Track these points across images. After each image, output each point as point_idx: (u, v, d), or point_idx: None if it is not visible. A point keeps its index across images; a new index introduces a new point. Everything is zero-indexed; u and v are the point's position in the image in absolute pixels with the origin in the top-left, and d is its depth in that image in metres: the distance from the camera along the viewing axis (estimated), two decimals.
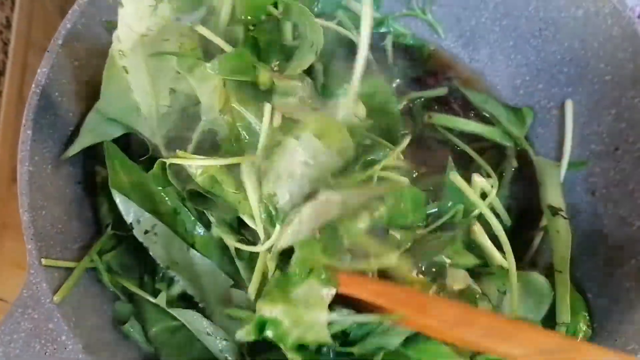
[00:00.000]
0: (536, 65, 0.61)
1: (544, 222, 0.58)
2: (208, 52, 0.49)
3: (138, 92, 0.49)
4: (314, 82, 0.51)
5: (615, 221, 0.54)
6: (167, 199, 0.52)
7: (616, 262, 0.53)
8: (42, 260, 0.47)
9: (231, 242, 0.50)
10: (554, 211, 0.56)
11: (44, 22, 0.84)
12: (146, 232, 0.51)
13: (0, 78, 0.76)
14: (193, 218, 0.52)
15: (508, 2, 0.60)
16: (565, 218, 0.56)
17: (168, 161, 0.48)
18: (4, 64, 0.76)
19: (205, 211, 0.51)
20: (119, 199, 0.50)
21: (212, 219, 0.51)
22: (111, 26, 0.55)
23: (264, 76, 0.48)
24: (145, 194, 0.51)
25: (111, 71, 0.50)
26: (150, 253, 0.50)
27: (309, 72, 0.51)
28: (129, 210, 0.50)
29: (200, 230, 0.52)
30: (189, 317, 0.50)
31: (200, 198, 0.50)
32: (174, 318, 0.51)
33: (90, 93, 0.56)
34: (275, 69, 0.50)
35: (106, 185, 0.53)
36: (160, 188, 0.52)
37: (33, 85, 0.51)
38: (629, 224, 0.53)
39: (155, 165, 0.50)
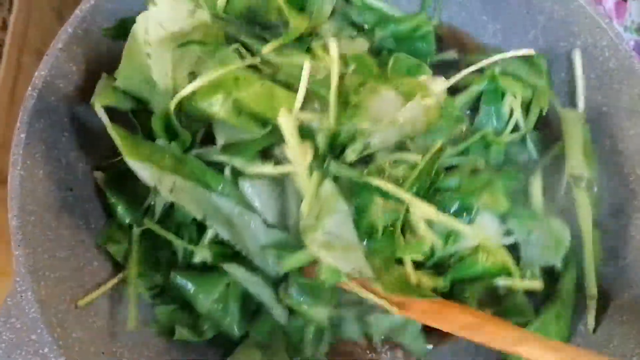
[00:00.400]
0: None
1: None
2: (227, 36, 0.52)
3: (158, 74, 0.50)
4: None
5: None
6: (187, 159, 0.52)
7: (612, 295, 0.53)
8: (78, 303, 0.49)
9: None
10: (577, 183, 0.55)
11: (40, 26, 0.83)
12: (171, 190, 0.50)
13: None
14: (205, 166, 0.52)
15: (507, 30, 0.61)
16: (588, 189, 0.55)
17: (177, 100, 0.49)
18: None
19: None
20: (136, 165, 0.49)
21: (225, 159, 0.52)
22: (108, 33, 0.55)
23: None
24: (157, 157, 0.51)
25: (132, 49, 0.50)
26: (185, 207, 0.50)
27: None
28: (147, 173, 0.49)
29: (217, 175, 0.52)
30: (234, 269, 0.53)
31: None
32: (216, 280, 0.54)
33: (87, 99, 0.55)
34: None
35: (113, 186, 0.55)
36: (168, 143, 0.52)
37: (30, 88, 0.50)
38: (621, 257, 0.53)
39: (157, 116, 0.51)
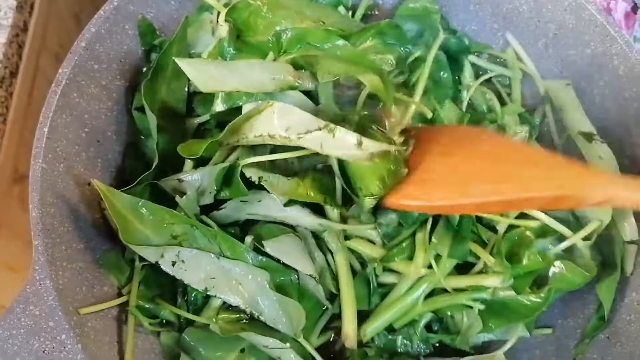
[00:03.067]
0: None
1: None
2: None
3: None
4: None
5: None
6: (181, 215, 0.51)
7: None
8: (80, 310, 0.47)
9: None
10: (589, 137, 0.53)
11: (58, 30, 0.85)
12: (174, 263, 0.50)
13: (12, 79, 0.76)
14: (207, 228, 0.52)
15: (518, 38, 0.63)
16: (602, 142, 0.54)
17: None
18: (17, 66, 0.77)
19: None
20: (135, 249, 0.49)
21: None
22: (145, 23, 0.57)
23: None
24: (158, 223, 0.50)
25: None
26: (185, 282, 0.50)
27: None
28: (149, 253, 0.49)
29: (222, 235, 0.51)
30: (247, 336, 0.50)
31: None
32: (230, 344, 0.51)
33: (108, 96, 0.57)
34: None
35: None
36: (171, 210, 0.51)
37: (53, 85, 0.51)
38: None
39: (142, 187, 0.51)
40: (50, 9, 0.83)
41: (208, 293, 0.50)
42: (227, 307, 0.53)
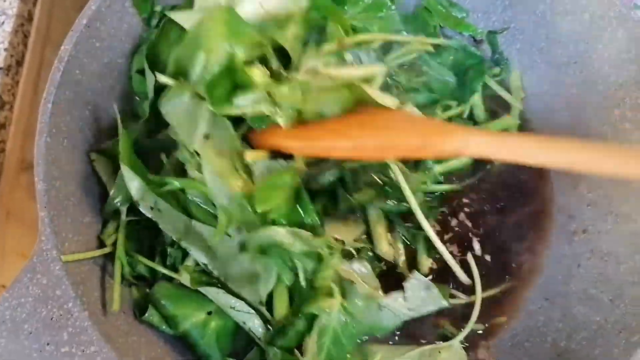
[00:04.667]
0: (542, 68, 0.63)
1: None
2: None
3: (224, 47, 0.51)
4: None
5: (620, 218, 0.55)
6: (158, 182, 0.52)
7: (621, 259, 0.53)
8: (62, 257, 0.47)
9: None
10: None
11: (62, 21, 0.86)
12: (151, 208, 0.51)
13: (18, 68, 0.77)
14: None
15: (515, 5, 0.62)
16: None
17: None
18: (23, 56, 0.78)
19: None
20: (127, 174, 0.50)
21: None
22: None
23: None
24: (143, 177, 0.51)
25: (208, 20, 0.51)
26: (161, 227, 0.51)
27: None
28: (135, 186, 0.50)
29: (198, 200, 0.52)
30: (213, 293, 0.51)
31: None
32: (198, 305, 0.52)
33: (109, 73, 0.57)
34: None
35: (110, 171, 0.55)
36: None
37: (56, 61, 0.52)
38: (633, 220, 0.54)
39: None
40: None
41: (181, 244, 0.51)
42: (200, 270, 0.53)
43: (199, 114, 0.49)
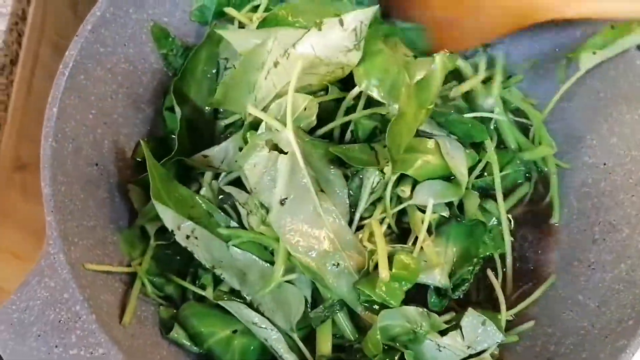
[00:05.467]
0: (533, 79, 0.65)
1: None
2: None
3: (266, 87, 0.52)
4: None
5: (606, 227, 0.58)
6: (201, 203, 0.54)
7: (607, 267, 0.56)
8: (86, 265, 0.49)
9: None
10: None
11: (56, 19, 0.86)
12: (187, 237, 0.52)
13: (12, 67, 0.77)
14: (226, 217, 0.54)
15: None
16: None
17: None
18: (17, 55, 0.77)
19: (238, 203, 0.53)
20: (159, 208, 0.51)
21: (242, 210, 0.53)
22: (158, 28, 0.60)
23: None
24: (180, 201, 0.53)
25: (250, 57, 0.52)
26: (195, 255, 0.52)
27: None
28: (169, 218, 0.51)
29: (235, 225, 0.54)
30: (235, 307, 0.52)
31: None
32: (224, 324, 0.53)
33: (113, 79, 0.58)
34: None
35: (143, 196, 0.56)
36: (194, 194, 0.54)
37: (61, 67, 0.53)
38: (618, 230, 0.56)
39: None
40: None
41: (215, 271, 0.52)
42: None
43: (275, 170, 0.48)
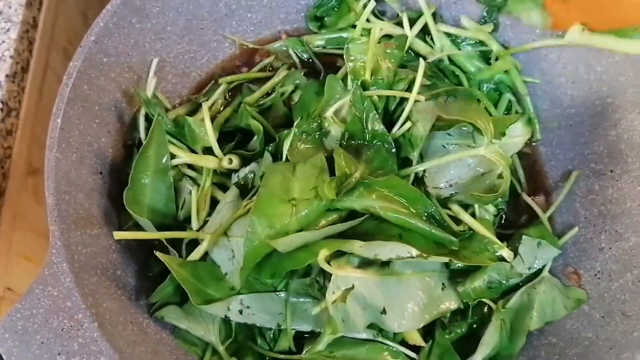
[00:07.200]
0: (541, 87, 0.64)
1: None
2: None
3: None
4: None
5: (613, 236, 0.56)
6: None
7: (613, 277, 0.55)
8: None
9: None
10: None
11: (66, 26, 0.87)
12: (241, 312, 0.51)
13: (23, 75, 0.78)
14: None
15: (515, 26, 0.64)
16: None
17: None
18: (28, 62, 0.79)
19: None
20: (207, 308, 0.50)
21: None
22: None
23: None
24: (214, 283, 0.51)
25: None
26: (258, 325, 0.51)
27: None
28: (218, 309, 0.50)
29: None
30: None
31: None
32: None
33: (117, 89, 0.59)
34: None
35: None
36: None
37: (65, 77, 0.53)
38: (625, 239, 0.55)
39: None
40: (59, 5, 0.85)
41: (281, 328, 0.52)
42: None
43: None
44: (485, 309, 0.54)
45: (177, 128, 0.58)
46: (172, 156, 0.56)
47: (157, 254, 0.50)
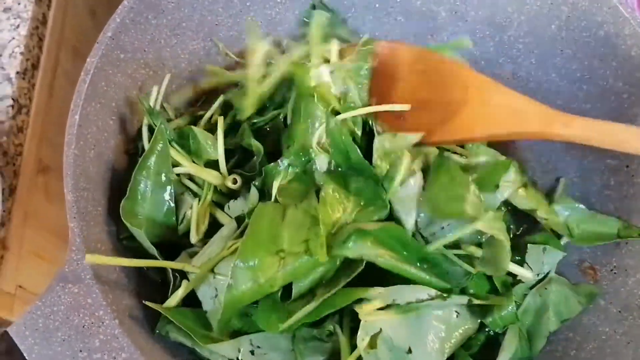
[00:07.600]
0: (556, 82, 0.64)
1: None
2: None
3: None
4: None
5: None
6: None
7: (630, 272, 0.55)
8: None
9: None
10: None
11: (75, 23, 0.87)
12: (252, 352, 0.49)
13: (34, 72, 0.78)
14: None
15: (531, 21, 0.64)
16: None
17: None
18: (39, 59, 0.79)
19: None
20: (214, 347, 0.48)
21: None
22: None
23: None
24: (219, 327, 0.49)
25: None
26: None
27: None
28: (226, 349, 0.48)
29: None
30: None
31: None
32: None
33: (133, 85, 0.59)
34: None
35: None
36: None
37: (82, 73, 0.53)
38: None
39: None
40: (67, 2, 0.85)
41: None
42: None
43: None
44: None
45: (182, 139, 0.56)
46: (175, 164, 0.55)
47: (148, 303, 0.49)
